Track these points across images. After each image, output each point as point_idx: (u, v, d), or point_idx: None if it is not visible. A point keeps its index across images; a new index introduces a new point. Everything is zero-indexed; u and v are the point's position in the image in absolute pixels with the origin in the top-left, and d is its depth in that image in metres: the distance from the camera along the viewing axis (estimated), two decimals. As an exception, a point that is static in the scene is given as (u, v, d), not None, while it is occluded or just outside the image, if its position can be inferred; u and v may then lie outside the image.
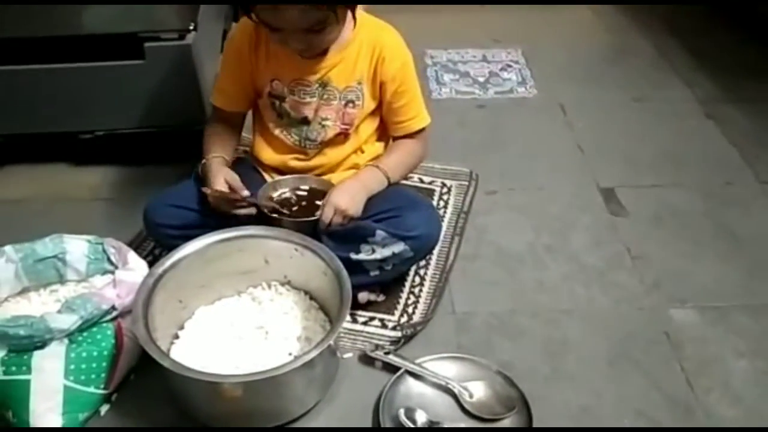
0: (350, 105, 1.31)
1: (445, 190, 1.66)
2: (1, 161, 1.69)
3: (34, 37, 1.48)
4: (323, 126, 1.32)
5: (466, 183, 1.67)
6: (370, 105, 1.32)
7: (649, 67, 2.16)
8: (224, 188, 1.23)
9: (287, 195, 1.33)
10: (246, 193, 1.24)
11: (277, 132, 1.35)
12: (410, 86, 1.33)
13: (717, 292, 1.40)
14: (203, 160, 1.30)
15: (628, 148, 1.81)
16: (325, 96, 1.30)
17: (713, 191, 1.66)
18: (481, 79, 2.10)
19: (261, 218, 1.26)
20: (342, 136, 1.34)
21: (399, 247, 1.25)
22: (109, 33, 1.48)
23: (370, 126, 1.36)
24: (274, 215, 1.26)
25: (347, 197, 1.24)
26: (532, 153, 1.79)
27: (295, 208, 1.30)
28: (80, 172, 1.70)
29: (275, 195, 1.32)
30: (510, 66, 2.16)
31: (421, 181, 1.68)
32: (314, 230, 1.26)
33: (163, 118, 1.61)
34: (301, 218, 1.26)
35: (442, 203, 1.61)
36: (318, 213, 1.24)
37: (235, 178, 1.25)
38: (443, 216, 1.56)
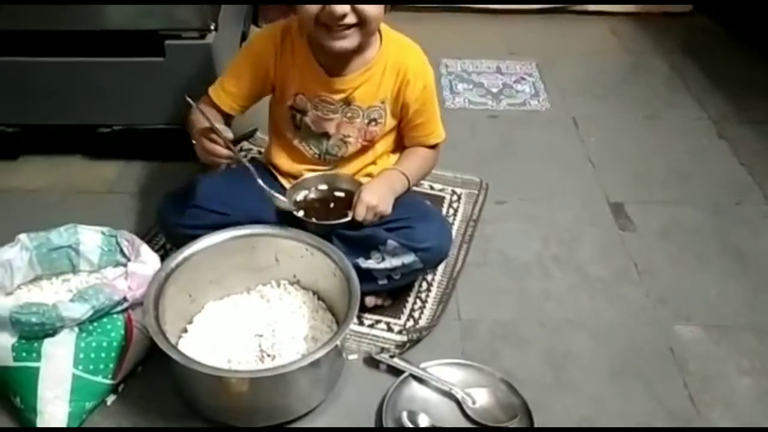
0: (373, 123, 1.32)
1: (455, 197, 1.67)
2: (19, 151, 1.71)
3: (58, 30, 1.50)
4: (345, 142, 1.34)
5: (476, 192, 1.68)
6: (390, 123, 1.34)
7: (662, 85, 2.17)
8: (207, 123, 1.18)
9: (312, 196, 1.33)
10: (228, 135, 1.18)
11: (295, 142, 1.36)
12: (430, 105, 1.35)
13: (722, 310, 1.41)
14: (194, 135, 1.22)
15: (639, 164, 1.82)
16: (349, 114, 1.30)
17: (722, 210, 1.67)
18: (495, 90, 2.11)
19: (291, 222, 1.27)
20: (362, 151, 1.36)
21: (409, 258, 1.26)
22: (131, 29, 1.50)
23: (387, 141, 1.38)
24: (305, 219, 1.26)
25: (377, 195, 1.25)
26: (543, 165, 1.80)
27: (317, 206, 1.31)
28: (96, 165, 1.71)
29: (299, 197, 1.32)
30: (524, 78, 2.17)
31: (432, 188, 1.69)
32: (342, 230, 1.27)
33: (179, 116, 1.62)
34: (333, 221, 1.27)
35: (451, 211, 1.63)
36: (350, 213, 1.25)
37: (220, 121, 1.18)
38: (452, 223, 1.58)
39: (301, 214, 1.28)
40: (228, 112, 1.33)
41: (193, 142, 1.24)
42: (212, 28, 1.55)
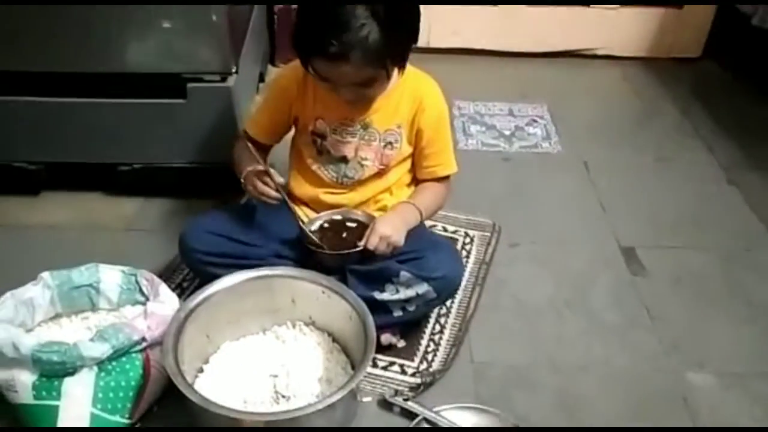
0: (389, 147, 1.37)
1: (467, 240, 1.69)
2: (40, 187, 1.74)
3: (83, 72, 1.55)
4: (362, 165, 1.38)
5: (489, 234, 1.70)
6: (406, 149, 1.38)
7: (672, 129, 2.19)
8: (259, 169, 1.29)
9: (326, 227, 1.37)
10: (280, 180, 1.29)
11: (314, 167, 1.40)
12: (443, 135, 1.40)
13: (734, 358, 1.41)
14: (245, 172, 1.31)
15: (650, 208, 1.83)
16: (366, 137, 1.36)
17: (733, 256, 1.68)
18: (507, 133, 2.14)
19: (306, 253, 1.31)
20: (377, 175, 1.40)
21: (423, 288, 1.28)
22: (155, 72, 1.55)
23: (401, 170, 1.42)
24: (318, 249, 1.30)
25: (391, 226, 1.29)
26: (555, 208, 1.82)
27: (331, 237, 1.34)
28: (116, 201, 1.74)
29: (314, 228, 1.36)
30: (535, 121, 2.20)
31: (445, 230, 1.71)
32: (354, 261, 1.30)
33: (199, 155, 1.66)
34: (345, 250, 1.30)
35: (464, 253, 1.64)
36: (361, 243, 1.28)
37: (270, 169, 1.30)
38: (465, 266, 1.59)
39: (311, 245, 1.30)
40: (265, 144, 1.43)
41: (241, 180, 1.32)
42: (233, 71, 1.59)
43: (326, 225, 1.37)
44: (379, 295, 1.28)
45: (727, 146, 2.10)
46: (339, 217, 1.38)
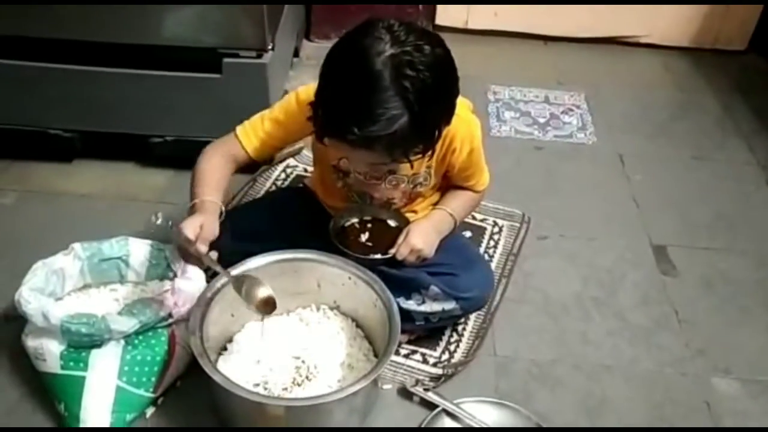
0: (418, 186, 1.31)
1: (496, 229, 1.67)
2: (74, 155, 1.75)
3: (122, 43, 1.55)
4: (389, 203, 1.34)
5: (518, 225, 1.68)
6: (435, 180, 1.33)
7: (712, 125, 2.13)
8: (193, 234, 1.12)
9: (356, 227, 1.34)
10: (203, 249, 1.13)
11: (339, 185, 1.34)
12: (477, 161, 1.32)
13: (762, 365, 1.39)
14: (196, 199, 1.19)
15: (684, 206, 1.79)
16: (393, 182, 1.29)
17: (767, 261, 1.64)
18: (542, 121, 2.10)
19: (333, 250, 1.28)
20: (406, 205, 1.37)
21: (450, 305, 1.28)
22: (191, 46, 1.54)
23: (431, 188, 1.38)
24: (345, 250, 1.27)
25: (423, 238, 1.26)
26: (587, 201, 1.79)
27: (362, 239, 1.32)
28: (147, 173, 1.75)
29: (346, 224, 1.34)
30: (571, 110, 2.16)
31: (474, 219, 1.68)
32: (381, 264, 1.28)
33: (231, 130, 1.66)
34: (374, 257, 1.27)
35: (492, 243, 1.63)
36: (391, 251, 1.26)
37: (209, 230, 1.14)
38: (492, 256, 1.58)
39: (339, 245, 1.29)
40: (255, 160, 1.31)
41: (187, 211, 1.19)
42: (269, 48, 1.58)
43: (356, 225, 1.34)
44: (403, 303, 1.27)
45: (767, 144, 2.04)
46: (370, 218, 1.35)
